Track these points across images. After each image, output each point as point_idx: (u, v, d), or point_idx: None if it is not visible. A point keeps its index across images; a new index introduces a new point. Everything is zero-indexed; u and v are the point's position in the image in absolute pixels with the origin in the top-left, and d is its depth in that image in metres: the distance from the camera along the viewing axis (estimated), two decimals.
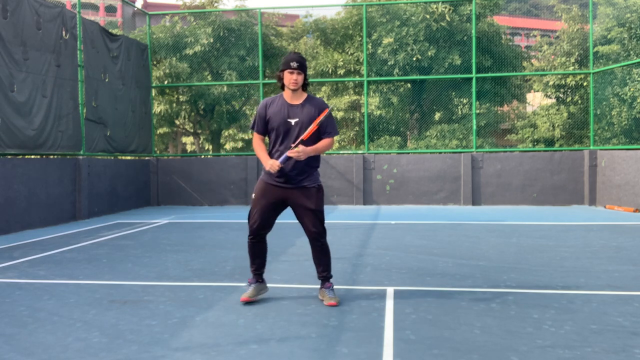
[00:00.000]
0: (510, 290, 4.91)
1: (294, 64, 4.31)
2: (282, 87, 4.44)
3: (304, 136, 4.29)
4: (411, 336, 3.69)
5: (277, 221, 4.57)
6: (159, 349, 3.51)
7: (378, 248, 7.16)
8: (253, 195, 4.51)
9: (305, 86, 4.44)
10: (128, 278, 5.54)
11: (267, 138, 4.60)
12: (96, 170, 11.47)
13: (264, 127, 4.47)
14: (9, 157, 9.29)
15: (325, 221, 4.55)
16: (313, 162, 4.47)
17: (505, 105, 16.13)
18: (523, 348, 3.44)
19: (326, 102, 16.03)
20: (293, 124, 4.35)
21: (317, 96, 5.22)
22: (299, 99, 4.42)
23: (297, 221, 4.56)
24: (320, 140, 4.43)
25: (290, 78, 4.33)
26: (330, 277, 4.59)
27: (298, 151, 4.23)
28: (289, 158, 4.28)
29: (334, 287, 4.70)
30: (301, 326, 3.92)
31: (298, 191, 4.40)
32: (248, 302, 4.47)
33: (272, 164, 4.27)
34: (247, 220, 4.60)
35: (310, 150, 4.31)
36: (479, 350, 3.42)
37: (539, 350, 3.41)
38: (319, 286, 4.71)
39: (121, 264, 6.28)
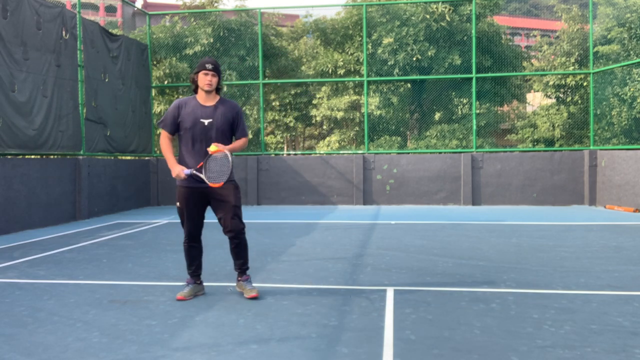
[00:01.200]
0: (510, 290, 4.91)
1: (208, 66, 4.48)
2: (195, 90, 4.60)
3: (212, 184, 4.38)
4: (411, 336, 3.69)
5: (276, 221, 4.59)
6: (159, 349, 3.51)
7: (378, 248, 7.16)
8: (177, 203, 4.67)
9: (218, 90, 4.60)
10: (128, 278, 5.54)
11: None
12: (96, 170, 11.47)
13: (174, 126, 4.60)
14: (9, 157, 9.29)
15: (326, 221, 4.55)
16: (226, 161, 4.52)
17: (505, 105, 16.13)
18: (523, 348, 3.44)
19: (326, 102, 16.17)
20: (207, 124, 4.49)
21: (318, 96, 5.25)
22: (212, 100, 4.58)
23: (297, 221, 4.56)
24: (235, 141, 4.64)
25: (205, 79, 4.48)
26: (247, 268, 4.76)
27: (220, 150, 4.35)
28: (193, 173, 4.43)
29: (335, 286, 4.69)
30: (301, 326, 3.91)
31: (213, 190, 4.51)
32: (182, 301, 4.60)
33: (178, 172, 4.45)
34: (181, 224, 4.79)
35: (229, 148, 4.43)
36: (479, 350, 3.42)
37: (539, 350, 3.41)
38: (313, 285, 4.72)
39: (121, 264, 6.28)
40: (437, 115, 15.39)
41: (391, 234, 8.39)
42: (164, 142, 4.66)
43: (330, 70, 15.33)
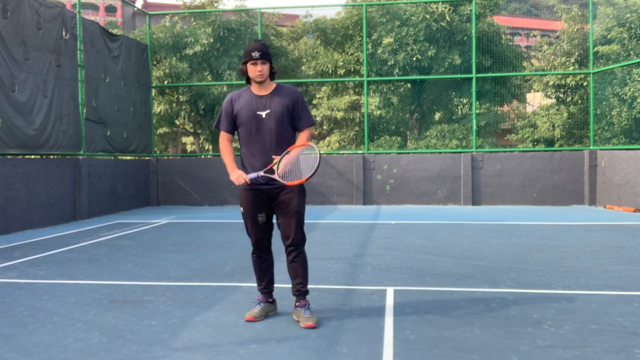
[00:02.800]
0: (510, 290, 4.91)
1: (256, 54, 3.88)
2: (248, 81, 4.05)
3: (289, 183, 3.82)
4: (411, 336, 3.69)
5: (275, 221, 4.45)
6: (159, 349, 3.51)
7: (378, 248, 7.16)
8: (241, 208, 4.13)
9: (272, 75, 4.02)
10: (128, 278, 5.54)
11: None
12: (96, 170, 11.47)
13: (231, 124, 4.06)
14: (9, 157, 9.29)
15: (326, 221, 4.53)
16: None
17: (505, 105, 16.13)
18: (523, 348, 3.44)
19: (326, 102, 16.15)
20: (264, 116, 3.94)
21: (318, 96, 5.03)
22: (268, 89, 4.01)
23: None
24: (299, 135, 4.09)
25: (255, 70, 3.92)
26: (307, 292, 4.09)
27: (284, 165, 3.81)
28: (261, 175, 3.87)
29: (335, 286, 4.64)
30: (301, 326, 3.91)
31: (278, 191, 3.99)
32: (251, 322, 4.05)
33: (237, 177, 3.89)
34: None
35: (296, 153, 3.91)
36: (479, 350, 3.42)
37: (539, 350, 3.41)
38: (313, 285, 4.70)
39: (121, 264, 6.28)
40: (437, 115, 15.39)
41: (391, 234, 8.39)
42: (223, 144, 4.07)
43: (330, 70, 15.33)
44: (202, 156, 15.58)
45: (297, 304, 4.06)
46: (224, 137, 4.10)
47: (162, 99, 15.77)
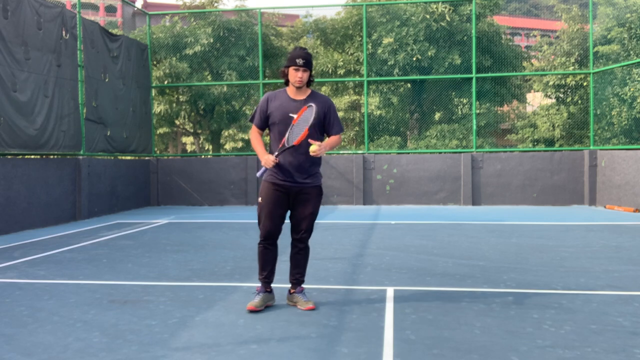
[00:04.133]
0: (510, 290, 4.91)
1: (300, 61, 4.14)
2: (286, 83, 4.29)
3: (295, 142, 4.11)
4: (411, 336, 3.69)
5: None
6: (159, 349, 3.51)
7: (378, 248, 7.16)
8: (259, 199, 4.35)
9: (309, 82, 4.28)
10: (128, 278, 5.54)
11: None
12: (96, 170, 11.47)
13: (264, 121, 4.33)
14: (9, 157, 9.29)
15: (326, 221, 4.55)
16: (315, 161, 4.29)
17: (505, 105, 16.13)
18: (523, 348, 3.44)
19: None
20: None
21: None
22: (303, 94, 4.26)
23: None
24: (328, 138, 4.36)
25: (296, 75, 4.17)
26: (303, 281, 4.46)
27: (319, 145, 4.06)
28: (283, 150, 4.15)
29: (335, 286, 4.69)
30: (301, 326, 3.92)
31: (299, 190, 4.26)
32: (254, 312, 4.26)
33: (267, 159, 4.12)
34: (257, 223, 4.46)
35: (327, 147, 4.19)
36: (479, 350, 3.42)
37: (539, 350, 3.41)
38: (313, 285, 4.70)
39: (121, 264, 6.28)
40: (437, 115, 15.39)
41: (391, 234, 8.39)
42: (253, 135, 4.37)
43: (330, 70, 15.33)
44: (202, 156, 15.58)
45: (293, 290, 4.40)
46: (254, 130, 4.39)
47: (162, 99, 15.77)
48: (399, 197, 13.44)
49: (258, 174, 4.22)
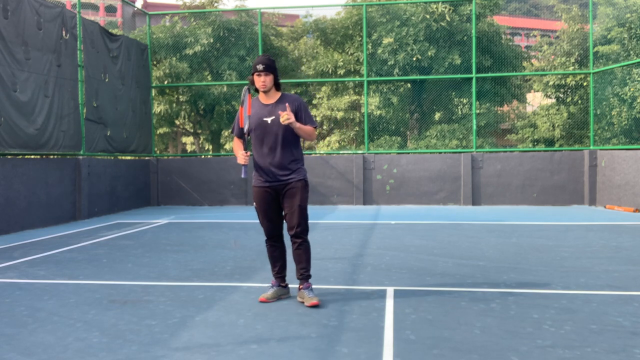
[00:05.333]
0: (510, 290, 4.91)
1: (260, 67, 4.38)
2: (257, 90, 4.54)
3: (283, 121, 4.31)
4: (411, 336, 3.69)
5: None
6: (159, 349, 3.51)
7: (378, 248, 7.16)
8: (254, 204, 4.61)
9: (278, 85, 4.52)
10: (128, 278, 5.54)
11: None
12: (96, 170, 11.47)
13: (242, 130, 4.58)
14: (9, 157, 9.29)
15: (326, 221, 4.56)
16: (295, 156, 4.52)
17: (505, 105, 16.13)
18: (523, 348, 3.44)
19: (326, 102, 16.16)
20: (269, 122, 4.43)
21: (318, 96, 5.19)
22: (273, 98, 4.50)
23: None
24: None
25: (259, 80, 4.42)
26: (310, 276, 4.61)
27: (288, 113, 4.25)
28: (244, 165, 4.45)
29: (335, 286, 4.70)
30: (301, 326, 3.92)
31: (284, 188, 4.49)
32: (264, 302, 4.52)
33: (239, 155, 4.42)
34: (258, 223, 4.70)
35: (297, 123, 4.34)
36: (479, 350, 3.42)
37: (539, 350, 3.41)
38: (313, 285, 4.71)
39: (121, 264, 6.28)
40: (437, 115, 15.39)
41: (391, 234, 8.39)
42: (235, 145, 4.63)
43: (330, 70, 15.33)
44: (202, 156, 15.58)
45: (301, 286, 4.57)
46: (236, 141, 4.67)
47: (162, 99, 15.77)
48: (399, 197, 13.44)
49: (242, 175, 4.51)
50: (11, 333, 3.84)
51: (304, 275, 4.56)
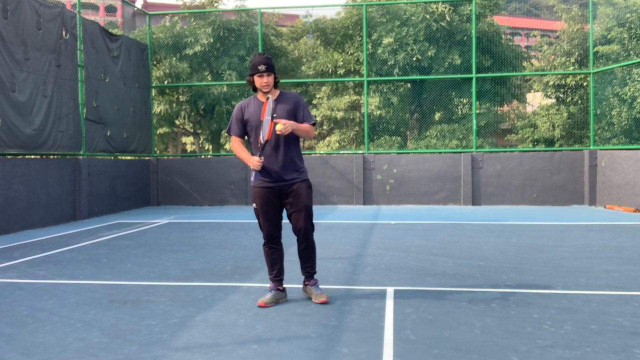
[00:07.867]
0: (510, 290, 4.91)
1: (262, 67, 4.35)
2: (255, 90, 4.50)
3: (267, 136, 4.31)
4: (411, 336, 3.69)
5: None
6: (159, 349, 3.51)
7: (378, 248, 7.16)
8: (254, 205, 4.53)
9: (276, 84, 4.48)
10: (128, 278, 5.54)
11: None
12: (96, 170, 11.47)
13: (242, 129, 4.52)
14: (9, 157, 9.29)
15: (326, 221, 4.56)
16: (297, 156, 4.49)
17: (505, 105, 16.13)
18: (523, 348, 3.44)
19: (326, 102, 16.16)
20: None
21: (318, 96, 5.19)
22: (272, 96, 4.47)
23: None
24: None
25: (261, 81, 4.38)
26: (315, 272, 4.65)
27: (284, 124, 4.22)
28: (263, 147, 4.33)
29: (335, 286, 4.71)
30: (301, 326, 3.92)
31: (288, 188, 4.44)
32: (263, 307, 4.41)
33: (253, 161, 4.31)
34: (257, 224, 4.60)
35: (294, 124, 4.30)
36: (479, 350, 3.42)
37: (539, 350, 3.41)
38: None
39: (121, 264, 6.28)
40: (437, 115, 15.39)
41: (391, 234, 8.39)
42: (235, 145, 4.55)
43: (330, 70, 15.33)
44: (202, 156, 15.58)
45: (307, 282, 4.63)
46: (235, 140, 4.55)
47: (162, 99, 15.77)
48: (399, 197, 13.44)
49: (252, 179, 4.41)
50: (11, 333, 3.84)
51: (310, 273, 4.61)
